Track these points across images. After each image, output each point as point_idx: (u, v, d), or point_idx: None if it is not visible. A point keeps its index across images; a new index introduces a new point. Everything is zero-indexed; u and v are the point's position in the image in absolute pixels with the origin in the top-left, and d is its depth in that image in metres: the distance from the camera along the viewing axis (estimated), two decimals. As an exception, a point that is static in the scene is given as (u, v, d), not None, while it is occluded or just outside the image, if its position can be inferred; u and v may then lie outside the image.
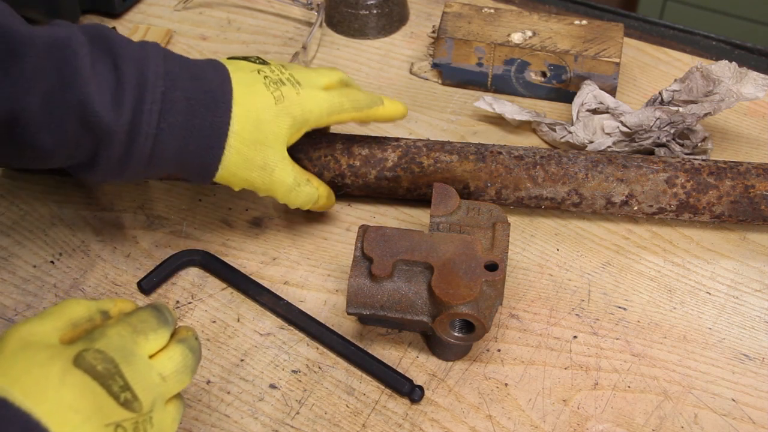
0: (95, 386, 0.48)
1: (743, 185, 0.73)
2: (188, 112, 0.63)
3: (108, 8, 0.98)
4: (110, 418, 0.48)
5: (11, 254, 0.75)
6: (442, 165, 0.75)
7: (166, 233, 0.77)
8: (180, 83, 0.64)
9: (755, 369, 0.68)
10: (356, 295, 0.64)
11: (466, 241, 0.65)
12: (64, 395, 0.47)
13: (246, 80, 0.67)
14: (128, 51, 0.62)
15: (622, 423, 0.64)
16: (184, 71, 0.64)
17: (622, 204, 0.74)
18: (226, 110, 0.65)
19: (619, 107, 0.82)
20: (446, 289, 0.62)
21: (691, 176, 0.73)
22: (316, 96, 0.69)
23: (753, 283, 0.74)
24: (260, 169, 0.67)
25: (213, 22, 0.99)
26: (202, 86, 0.65)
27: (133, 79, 0.61)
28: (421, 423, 0.64)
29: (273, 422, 0.64)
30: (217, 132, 0.65)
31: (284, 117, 0.67)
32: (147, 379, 0.51)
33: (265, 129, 0.67)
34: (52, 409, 0.46)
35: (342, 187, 0.76)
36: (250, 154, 0.66)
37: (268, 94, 0.67)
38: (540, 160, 0.75)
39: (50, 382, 0.47)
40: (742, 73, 0.79)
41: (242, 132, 0.66)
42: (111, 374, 0.49)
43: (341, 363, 0.68)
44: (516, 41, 0.88)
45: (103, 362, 0.49)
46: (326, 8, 0.98)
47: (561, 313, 0.71)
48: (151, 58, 0.63)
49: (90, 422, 0.47)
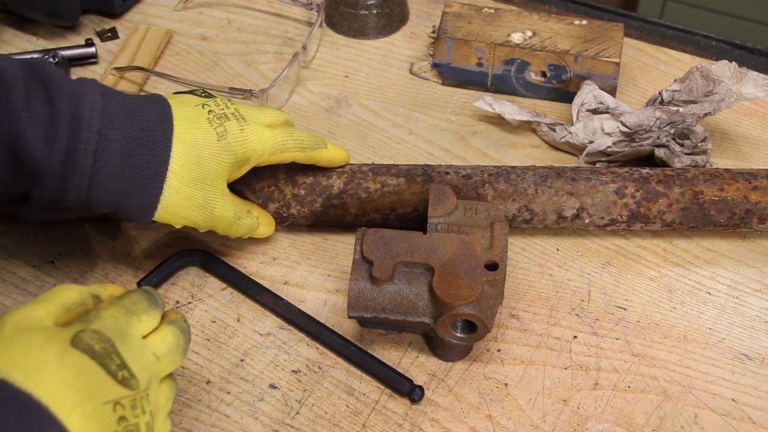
0: (93, 365, 0.49)
1: (692, 192, 0.72)
2: (125, 151, 0.61)
3: (108, 8, 0.98)
4: (109, 396, 0.49)
5: (11, 254, 0.75)
6: (389, 189, 0.73)
7: (166, 233, 0.76)
8: (117, 121, 0.61)
9: (755, 369, 0.68)
10: (357, 299, 0.64)
11: (465, 241, 0.65)
12: (63, 375, 0.47)
13: (188, 115, 0.65)
14: (64, 87, 0.60)
15: (622, 423, 0.64)
16: (122, 108, 0.62)
17: (573, 218, 0.73)
18: (165, 149, 0.63)
19: (619, 107, 0.82)
20: (447, 290, 0.62)
21: (640, 186, 0.73)
22: (261, 133, 0.68)
23: (753, 283, 0.74)
24: (200, 207, 0.66)
25: (213, 22, 0.99)
26: (140, 124, 0.62)
27: (67, 117, 0.59)
28: (421, 423, 0.64)
29: (273, 422, 0.64)
30: (155, 172, 0.63)
31: (226, 155, 0.66)
32: (142, 358, 0.52)
33: (205, 167, 0.65)
34: (52, 389, 0.47)
35: (288, 218, 0.74)
36: (190, 192, 0.65)
37: (210, 130, 0.65)
38: (488, 178, 0.73)
39: (48, 363, 0.48)
40: (742, 73, 0.79)
41: (182, 171, 0.64)
42: (108, 353, 0.50)
43: (341, 363, 0.68)
44: (516, 41, 0.88)
45: (100, 342, 0.50)
46: (326, 8, 0.98)
47: (561, 313, 0.71)
48: (88, 95, 0.61)
49: (89, 401, 0.48)
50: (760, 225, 0.73)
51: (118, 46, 0.96)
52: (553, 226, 0.74)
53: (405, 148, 0.85)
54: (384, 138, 0.86)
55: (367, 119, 0.88)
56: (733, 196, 0.72)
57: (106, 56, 0.94)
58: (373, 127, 0.87)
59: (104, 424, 0.48)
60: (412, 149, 0.85)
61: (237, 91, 0.86)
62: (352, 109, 0.89)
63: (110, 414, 0.48)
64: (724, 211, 0.72)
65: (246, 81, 0.92)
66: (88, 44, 0.93)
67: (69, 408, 0.47)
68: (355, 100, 0.90)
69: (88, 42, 0.93)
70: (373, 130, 0.87)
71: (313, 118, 0.88)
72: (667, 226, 0.74)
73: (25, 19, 0.97)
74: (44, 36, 0.97)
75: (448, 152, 0.84)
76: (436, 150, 0.85)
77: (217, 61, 0.94)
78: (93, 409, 0.48)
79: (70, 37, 0.97)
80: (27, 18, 0.97)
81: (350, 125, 0.87)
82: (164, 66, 0.93)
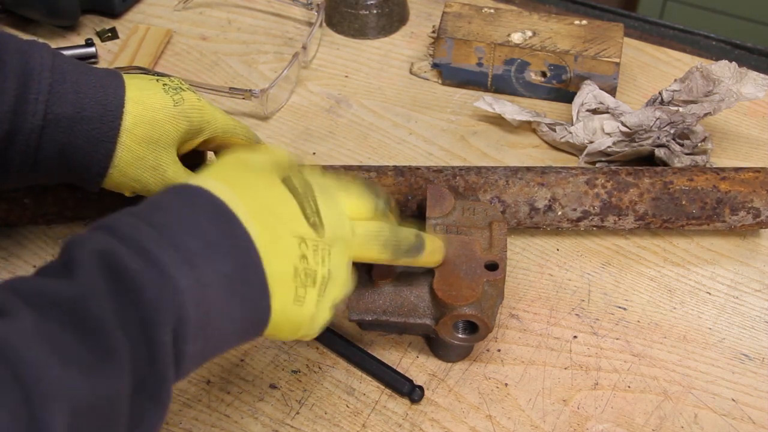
0: (291, 200, 0.53)
1: (662, 182, 0.73)
2: (77, 104, 0.61)
3: (108, 8, 0.98)
4: (298, 230, 0.52)
5: (11, 254, 0.75)
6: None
7: (166, 233, 0.76)
8: (69, 77, 0.62)
9: (755, 369, 0.68)
10: (358, 301, 0.64)
11: (465, 241, 0.65)
12: (266, 199, 0.51)
13: (142, 84, 0.66)
14: (13, 44, 0.61)
15: (622, 423, 0.64)
16: (74, 68, 0.63)
17: (546, 210, 0.73)
18: (118, 105, 0.63)
19: (619, 107, 0.82)
20: (448, 291, 0.62)
21: (610, 177, 0.73)
22: (215, 110, 0.69)
23: (753, 283, 0.74)
24: (152, 169, 0.65)
25: (213, 22, 0.99)
26: (92, 81, 0.63)
27: (16, 69, 0.59)
28: (421, 423, 0.64)
29: (273, 422, 0.64)
30: (108, 126, 0.63)
31: (182, 119, 0.66)
32: (336, 217, 0.54)
33: (159, 129, 0.65)
34: (254, 205, 0.50)
35: None
36: (142, 152, 0.64)
37: (167, 97, 0.66)
38: (459, 171, 0.74)
39: (258, 187, 0.52)
40: (742, 73, 0.79)
41: (134, 129, 0.64)
42: (307, 197, 0.53)
43: (341, 363, 0.68)
44: (516, 41, 0.88)
45: (304, 186, 0.54)
46: (326, 8, 0.98)
47: (561, 313, 0.71)
48: (37, 51, 0.61)
49: (282, 225, 0.51)
50: (733, 216, 0.73)
51: (118, 46, 0.96)
52: (526, 221, 0.74)
53: (405, 148, 0.85)
54: (384, 138, 0.86)
55: (367, 119, 0.88)
56: (703, 186, 0.73)
57: (106, 56, 0.94)
58: (373, 127, 0.87)
59: (288, 253, 0.51)
60: (412, 149, 0.85)
61: (237, 91, 0.85)
62: (352, 109, 0.89)
63: (295, 247, 0.51)
64: (695, 201, 0.72)
65: (246, 81, 0.92)
66: (88, 44, 0.93)
67: (263, 226, 0.50)
68: (355, 100, 0.90)
69: (88, 42, 0.93)
70: (373, 130, 0.87)
71: (313, 118, 0.88)
72: (640, 220, 0.73)
73: (25, 19, 0.97)
74: (44, 36, 0.97)
75: (448, 152, 0.84)
76: (436, 150, 0.85)
77: (217, 61, 0.94)
78: (282, 234, 0.51)
79: (70, 37, 0.97)
80: (27, 18, 0.97)
81: (350, 125, 0.87)
82: (164, 66, 0.93)
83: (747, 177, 0.73)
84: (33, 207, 0.72)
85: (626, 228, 0.75)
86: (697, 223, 0.74)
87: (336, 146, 0.85)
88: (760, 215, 0.73)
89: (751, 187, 0.73)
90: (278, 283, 0.50)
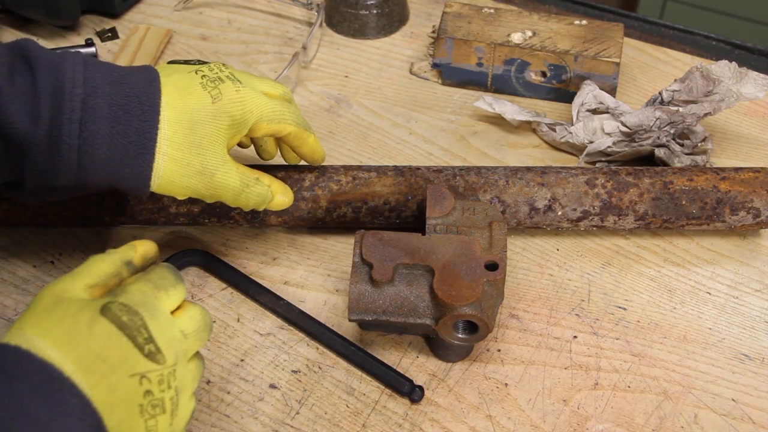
0: (121, 336, 0.50)
1: (662, 182, 0.73)
2: (112, 118, 0.59)
3: (108, 8, 0.98)
4: (135, 368, 0.49)
5: (11, 254, 0.75)
6: (360, 181, 0.73)
7: (166, 233, 0.76)
8: (101, 89, 0.60)
9: (755, 369, 0.68)
10: (358, 301, 0.64)
11: (465, 241, 0.65)
12: (92, 344, 0.49)
13: (179, 82, 0.63)
14: (44, 60, 0.59)
15: (622, 423, 0.64)
16: (106, 77, 0.61)
17: (546, 210, 0.73)
18: (153, 114, 0.61)
19: (619, 107, 0.82)
20: (448, 291, 0.62)
21: (610, 177, 0.73)
22: (258, 98, 0.65)
23: (753, 283, 0.74)
24: (200, 174, 0.63)
25: (213, 22, 0.99)
26: (126, 91, 0.61)
27: (49, 88, 0.58)
28: (421, 423, 0.64)
29: (273, 422, 0.64)
30: (144, 137, 0.60)
31: (222, 116, 0.63)
32: (169, 333, 0.52)
33: (200, 131, 0.62)
34: (81, 357, 0.48)
35: (259, 213, 0.73)
36: (186, 159, 0.62)
37: (204, 94, 0.63)
38: (459, 171, 0.74)
39: (79, 331, 0.49)
40: (742, 73, 0.79)
41: (175, 137, 0.61)
42: (136, 326, 0.50)
43: (341, 363, 0.68)
44: (516, 41, 0.88)
45: (128, 314, 0.51)
46: (326, 8, 0.98)
47: (561, 313, 0.71)
48: (68, 65, 0.59)
49: (116, 372, 0.48)
50: (733, 216, 0.73)
51: (118, 46, 0.96)
52: (526, 220, 0.74)
53: (405, 148, 0.85)
54: (384, 138, 0.86)
55: (367, 119, 0.88)
56: (703, 186, 0.73)
57: (107, 56, 0.94)
58: (373, 127, 0.87)
59: (130, 397, 0.49)
60: (412, 149, 0.85)
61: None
62: (352, 109, 0.89)
63: (136, 387, 0.49)
64: (695, 201, 0.72)
65: (246, 81, 0.92)
66: (88, 44, 0.93)
67: (96, 378, 0.48)
68: (355, 100, 0.90)
69: (88, 42, 0.93)
70: (373, 130, 0.87)
71: (313, 118, 0.88)
72: (640, 220, 0.73)
73: (25, 19, 0.97)
74: (44, 36, 0.97)
75: (448, 152, 0.84)
76: (436, 150, 0.85)
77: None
78: (119, 380, 0.48)
79: (70, 37, 0.97)
80: (27, 18, 0.97)
81: (350, 125, 0.87)
82: (164, 66, 0.93)
83: (747, 177, 0.73)
84: (33, 207, 0.72)
85: (626, 228, 0.75)
86: (697, 223, 0.74)
87: (336, 146, 0.85)
88: (760, 215, 0.73)
89: (751, 187, 0.73)
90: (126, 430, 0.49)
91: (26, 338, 0.48)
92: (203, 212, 0.73)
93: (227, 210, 0.73)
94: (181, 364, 0.52)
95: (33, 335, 0.48)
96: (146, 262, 0.58)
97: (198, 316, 0.55)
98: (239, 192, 0.65)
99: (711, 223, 0.74)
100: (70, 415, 0.46)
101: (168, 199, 0.72)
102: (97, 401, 0.47)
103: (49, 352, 0.47)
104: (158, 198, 0.72)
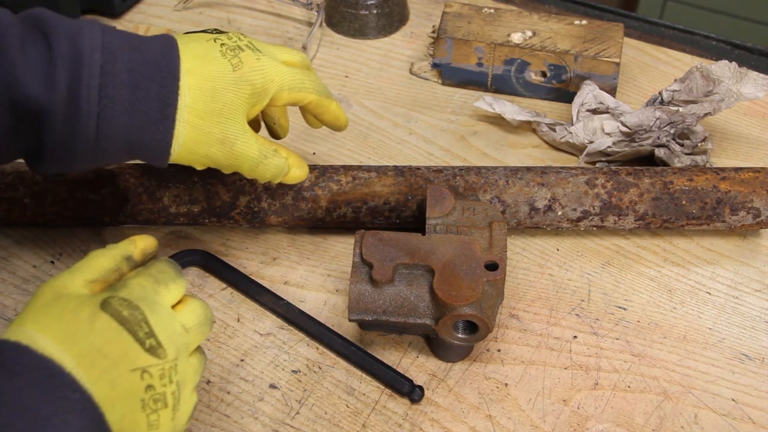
0: (122, 331, 0.49)
1: (662, 182, 0.73)
2: (131, 84, 0.58)
3: (108, 8, 0.98)
4: (136, 363, 0.49)
5: (11, 254, 0.75)
6: (360, 181, 0.73)
7: (166, 233, 0.76)
8: (120, 56, 0.58)
9: (755, 369, 0.68)
10: (358, 301, 0.64)
11: (465, 241, 0.65)
12: (93, 339, 0.48)
13: (199, 50, 0.62)
14: (60, 28, 0.57)
15: (622, 423, 0.64)
16: (125, 43, 0.59)
17: (546, 210, 0.73)
18: (173, 80, 0.60)
19: (619, 107, 0.82)
20: (448, 291, 0.62)
21: (610, 177, 0.73)
22: (278, 66, 0.64)
23: (753, 283, 0.74)
24: (220, 143, 0.62)
25: (213, 22, 0.99)
26: (145, 57, 0.59)
27: (66, 55, 0.57)
28: (421, 423, 0.64)
29: (273, 422, 0.64)
30: (164, 104, 0.59)
31: (243, 85, 0.62)
32: (170, 327, 0.52)
33: (221, 99, 0.61)
34: (82, 353, 0.48)
35: (258, 213, 0.73)
36: (207, 127, 0.61)
37: (224, 62, 0.62)
38: (459, 171, 0.74)
39: (80, 326, 0.49)
40: (742, 73, 0.79)
41: (195, 104, 0.60)
42: (137, 321, 0.50)
43: (341, 363, 0.68)
44: (516, 41, 0.88)
45: (129, 308, 0.51)
46: (326, 8, 0.98)
47: (561, 313, 0.71)
48: (86, 32, 0.58)
49: (117, 367, 0.48)
50: (733, 216, 0.73)
51: (118, 46, 0.96)
52: (526, 220, 0.74)
53: (405, 148, 0.85)
54: (384, 138, 0.86)
55: (367, 119, 0.88)
56: (703, 186, 0.73)
57: (106, 56, 0.94)
58: (373, 127, 0.87)
59: (131, 392, 0.49)
60: (412, 149, 0.85)
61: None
62: (352, 109, 0.89)
63: (138, 382, 0.49)
64: (695, 201, 0.72)
65: (246, 81, 0.92)
66: (88, 44, 0.92)
67: (97, 373, 0.48)
68: (355, 100, 0.90)
69: (88, 42, 0.93)
70: (373, 130, 0.87)
71: (313, 118, 0.88)
72: (640, 220, 0.73)
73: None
74: (44, 36, 0.96)
75: (448, 152, 0.84)
76: (436, 150, 0.85)
77: (217, 61, 0.94)
78: (120, 375, 0.48)
79: (70, 37, 0.97)
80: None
81: (350, 125, 0.87)
82: (164, 66, 0.93)
83: (747, 177, 0.73)
84: (33, 207, 0.72)
85: (626, 228, 0.75)
86: (697, 223, 0.74)
87: (336, 146, 0.85)
88: (760, 215, 0.73)
89: (751, 187, 0.73)
90: (128, 425, 0.49)
91: (26, 334, 0.48)
92: (203, 212, 0.73)
93: (227, 210, 0.73)
94: (183, 358, 0.52)
95: (33, 331, 0.48)
96: (146, 257, 0.57)
97: (199, 309, 0.55)
98: (257, 162, 0.65)
99: (711, 223, 0.74)
100: (71, 411, 0.46)
101: (168, 198, 0.72)
102: (99, 396, 0.47)
103: (49, 348, 0.47)
104: (158, 198, 0.72)
